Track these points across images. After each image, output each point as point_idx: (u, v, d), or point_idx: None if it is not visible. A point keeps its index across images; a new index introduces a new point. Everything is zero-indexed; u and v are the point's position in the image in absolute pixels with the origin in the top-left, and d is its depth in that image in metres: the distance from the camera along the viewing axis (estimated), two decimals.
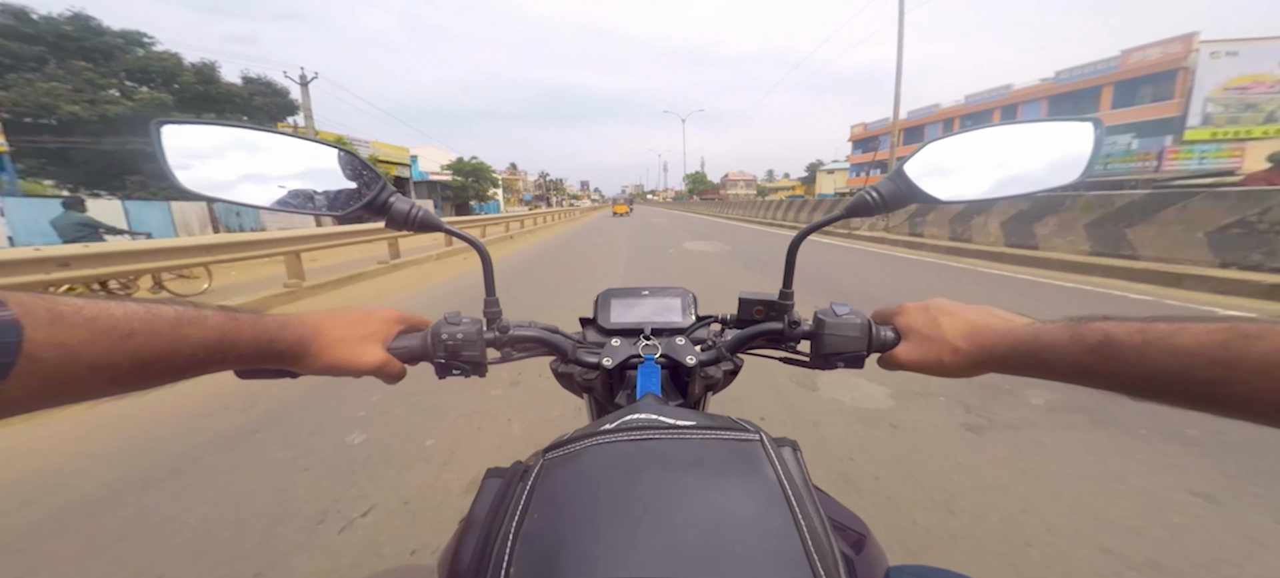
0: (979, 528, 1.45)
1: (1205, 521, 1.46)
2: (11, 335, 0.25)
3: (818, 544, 0.28)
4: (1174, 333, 0.31)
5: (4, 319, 0.25)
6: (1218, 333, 0.29)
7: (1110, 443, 1.89)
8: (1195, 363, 0.29)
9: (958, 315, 0.47)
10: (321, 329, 0.46)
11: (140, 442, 2.08)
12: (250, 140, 0.47)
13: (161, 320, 0.33)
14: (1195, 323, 0.31)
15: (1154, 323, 0.33)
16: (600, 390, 0.59)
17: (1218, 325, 0.29)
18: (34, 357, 0.26)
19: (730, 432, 0.37)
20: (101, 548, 1.42)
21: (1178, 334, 0.31)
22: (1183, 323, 0.31)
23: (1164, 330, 0.32)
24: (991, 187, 0.50)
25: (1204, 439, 1.86)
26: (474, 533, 0.36)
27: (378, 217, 0.50)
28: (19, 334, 0.25)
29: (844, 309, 0.54)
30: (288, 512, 1.56)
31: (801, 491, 0.32)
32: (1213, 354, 0.29)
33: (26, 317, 0.26)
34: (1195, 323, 0.31)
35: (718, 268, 7.21)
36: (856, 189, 0.46)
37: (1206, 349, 0.29)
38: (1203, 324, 0.30)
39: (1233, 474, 1.66)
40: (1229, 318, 0.30)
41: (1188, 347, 0.30)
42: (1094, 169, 0.48)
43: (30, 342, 0.25)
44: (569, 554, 0.28)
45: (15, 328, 0.25)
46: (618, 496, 0.31)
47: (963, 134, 0.50)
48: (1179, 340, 0.31)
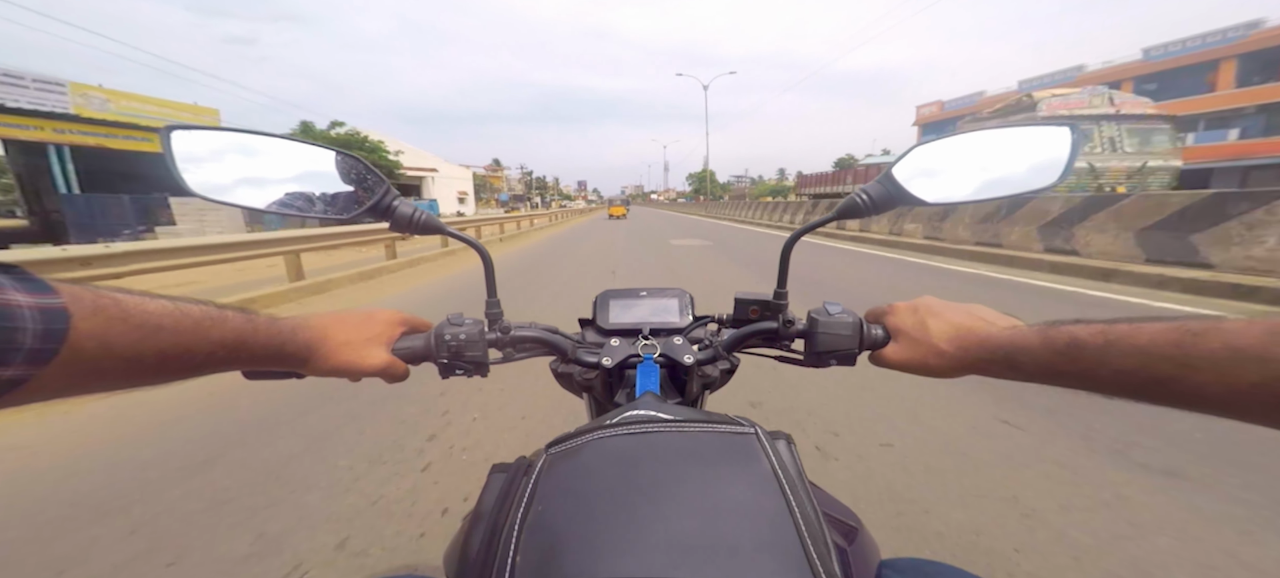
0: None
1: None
2: (59, 323, 0.25)
3: (812, 533, 0.29)
4: (1132, 333, 0.32)
5: (55, 307, 0.25)
6: (1170, 332, 0.30)
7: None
8: (1152, 361, 0.31)
9: (944, 317, 0.48)
10: (328, 332, 0.47)
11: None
12: (256, 145, 0.48)
13: (188, 318, 0.33)
14: (1151, 323, 0.32)
15: (1115, 324, 0.34)
16: (599, 390, 0.60)
17: (1171, 324, 0.31)
18: (76, 346, 0.26)
19: (727, 426, 0.38)
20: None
21: (1135, 334, 0.32)
22: (1140, 323, 0.32)
23: (1123, 331, 0.33)
24: (975, 189, 0.52)
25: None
26: (480, 526, 0.37)
27: (381, 220, 0.51)
28: (66, 323, 0.26)
29: (836, 308, 0.55)
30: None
31: (796, 482, 0.33)
32: (1166, 352, 0.30)
33: (74, 306, 0.26)
34: (1151, 323, 0.32)
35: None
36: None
37: (1160, 347, 0.30)
38: (1158, 323, 0.31)
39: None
40: (1183, 316, 0.31)
41: (1144, 346, 0.31)
42: (1071, 172, 0.49)
43: (75, 331, 0.26)
44: (573, 544, 0.29)
45: (64, 316, 0.25)
46: (619, 487, 0.32)
47: (948, 138, 0.52)
48: (1136, 340, 0.32)
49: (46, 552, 1.40)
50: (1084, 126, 9.26)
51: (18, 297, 0.24)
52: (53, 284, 0.26)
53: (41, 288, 0.25)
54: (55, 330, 0.25)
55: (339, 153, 0.50)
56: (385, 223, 0.51)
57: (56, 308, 0.25)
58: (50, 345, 0.25)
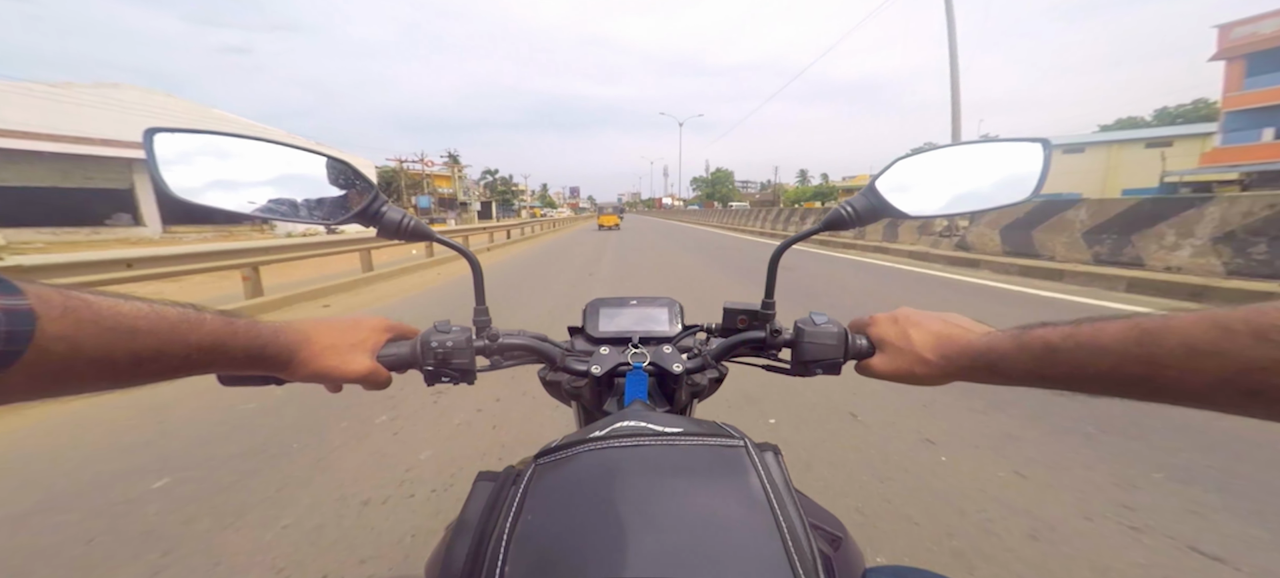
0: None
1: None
2: (25, 325, 0.24)
3: (798, 546, 0.30)
4: (1095, 333, 0.33)
5: (20, 309, 0.24)
6: (1129, 330, 0.31)
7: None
8: (1121, 360, 0.31)
9: (924, 327, 0.49)
10: (311, 337, 0.46)
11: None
12: (240, 148, 0.47)
13: (163, 320, 0.33)
14: (1110, 322, 0.33)
15: (1080, 326, 0.35)
16: (588, 398, 0.60)
17: (1127, 323, 0.32)
18: (43, 348, 0.25)
19: (716, 438, 0.38)
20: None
21: (1099, 334, 0.33)
22: (1101, 323, 0.33)
23: (1088, 332, 0.34)
24: (949, 203, 0.53)
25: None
26: (466, 535, 0.36)
27: (369, 225, 0.50)
28: (32, 324, 0.25)
29: (822, 318, 0.56)
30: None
31: (783, 494, 0.34)
32: (1131, 351, 0.31)
33: (41, 307, 0.26)
34: (1110, 322, 0.33)
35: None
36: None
37: (1124, 346, 0.31)
38: (1115, 323, 0.32)
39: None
40: (1135, 315, 0.32)
41: (1108, 345, 0.32)
42: (1042, 186, 0.52)
43: (42, 333, 0.25)
44: (563, 556, 0.29)
45: (30, 317, 0.25)
46: (610, 500, 0.32)
47: (927, 152, 0.54)
48: (1100, 340, 0.33)
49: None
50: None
51: None
52: (18, 285, 0.25)
53: (7, 289, 0.25)
54: (19, 332, 0.24)
55: (327, 157, 0.49)
56: (372, 229, 0.51)
57: (21, 309, 0.24)
58: (14, 348, 0.24)
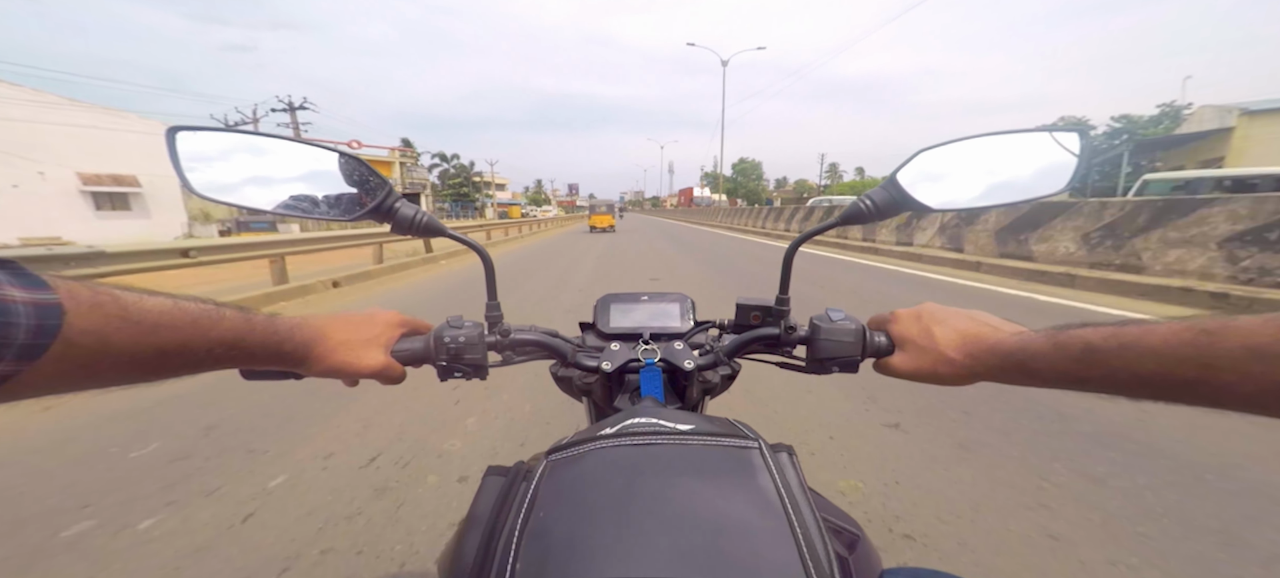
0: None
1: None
2: (53, 319, 0.25)
3: (812, 549, 0.29)
4: (1144, 335, 0.32)
5: (49, 302, 0.25)
6: (1185, 332, 0.30)
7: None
8: (1170, 363, 0.30)
9: (949, 324, 0.47)
10: (326, 332, 0.47)
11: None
12: (259, 146, 0.48)
13: (185, 315, 0.33)
14: (1163, 324, 0.31)
15: (1125, 327, 0.33)
16: (599, 394, 0.60)
17: (1185, 324, 0.30)
18: (70, 341, 0.26)
19: (729, 438, 0.38)
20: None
21: (1148, 336, 0.32)
22: (1151, 325, 0.32)
23: (1135, 333, 0.32)
24: (980, 194, 0.51)
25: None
26: (477, 530, 0.36)
27: (383, 221, 0.51)
28: (60, 318, 0.25)
29: (839, 315, 0.54)
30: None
31: (797, 495, 0.33)
32: (1185, 353, 0.29)
33: (70, 301, 0.26)
34: (1163, 324, 0.31)
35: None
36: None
37: (1177, 349, 0.30)
38: (1171, 325, 0.31)
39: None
40: (1195, 317, 0.31)
41: (1158, 348, 0.31)
42: (1081, 177, 0.48)
43: (69, 327, 0.26)
44: (575, 552, 0.29)
45: (58, 311, 0.25)
46: (622, 498, 0.32)
47: (954, 142, 0.51)
48: (1150, 342, 0.31)
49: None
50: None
51: (13, 292, 0.24)
52: (49, 280, 0.26)
53: (36, 283, 0.25)
54: (48, 326, 0.25)
55: (342, 155, 0.50)
56: (386, 225, 0.51)
57: (51, 304, 0.25)
58: (42, 341, 0.25)
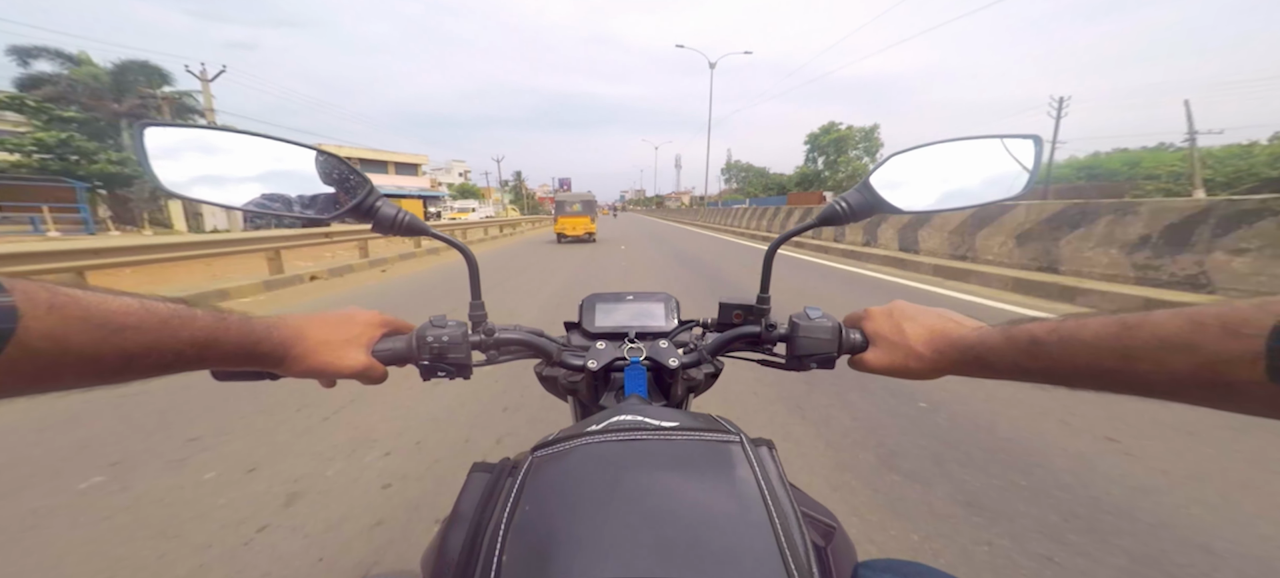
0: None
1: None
2: (7, 322, 0.24)
3: (790, 539, 0.30)
4: (1078, 328, 0.34)
5: (2, 306, 0.24)
6: (1110, 325, 0.32)
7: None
8: (1099, 354, 0.32)
9: (918, 321, 0.49)
10: (305, 332, 0.46)
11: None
12: (233, 143, 0.47)
13: (153, 316, 0.32)
14: (1094, 318, 0.34)
15: (1065, 321, 0.36)
16: (585, 393, 0.60)
17: (1110, 318, 0.32)
18: (26, 345, 0.25)
19: (712, 433, 0.39)
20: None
21: (1081, 329, 0.34)
22: (1085, 319, 0.34)
23: (1072, 327, 0.35)
24: (940, 198, 0.54)
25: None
26: (461, 527, 0.36)
27: (364, 221, 0.50)
28: (14, 322, 0.25)
29: (816, 313, 0.56)
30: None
31: (777, 488, 0.34)
32: (1109, 345, 0.32)
33: (26, 304, 0.25)
34: (1094, 318, 0.34)
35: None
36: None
37: (1103, 340, 0.32)
38: (1100, 318, 0.33)
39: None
40: (1122, 311, 0.33)
41: (1090, 340, 0.33)
42: (1036, 182, 0.52)
43: (25, 330, 0.25)
44: (560, 548, 0.30)
45: (12, 315, 0.25)
46: (606, 493, 0.33)
47: (920, 147, 0.53)
48: (1082, 335, 0.34)
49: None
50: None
51: None
52: (4, 283, 0.25)
53: None
54: (1, 330, 0.24)
55: (320, 152, 0.49)
56: (367, 224, 0.51)
57: (4, 306, 0.24)
58: None
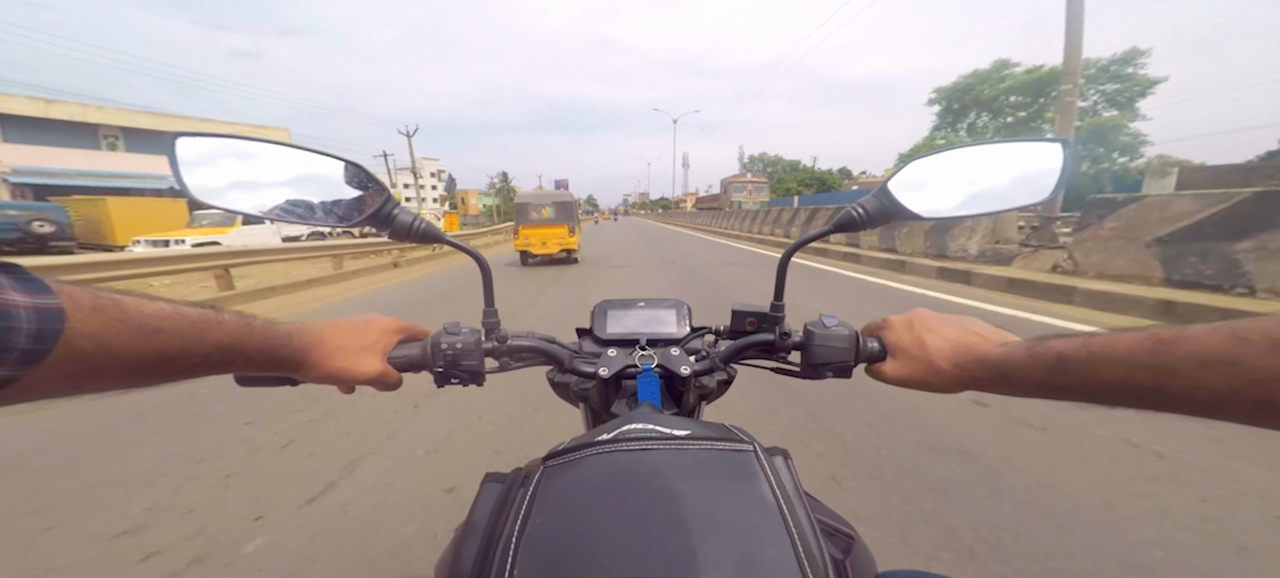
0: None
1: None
2: (54, 323, 0.25)
3: (808, 550, 0.30)
4: (1110, 344, 0.33)
5: (50, 307, 0.25)
6: (1144, 340, 0.31)
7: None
8: (1133, 371, 0.31)
9: (940, 333, 0.47)
10: (323, 338, 0.47)
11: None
12: (259, 152, 0.48)
13: (185, 320, 0.33)
14: (1126, 333, 0.32)
15: (1094, 337, 0.34)
16: (596, 400, 0.60)
17: (1143, 333, 0.31)
18: (71, 346, 0.26)
19: (725, 442, 0.38)
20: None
21: (1113, 345, 0.32)
22: (1116, 335, 0.33)
23: (1102, 343, 0.33)
24: (964, 203, 0.52)
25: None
26: (475, 536, 0.36)
27: (382, 228, 0.51)
28: (61, 323, 0.25)
29: (832, 321, 0.55)
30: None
31: (793, 499, 0.33)
32: (1144, 361, 0.30)
33: (72, 306, 0.26)
34: (1126, 333, 0.32)
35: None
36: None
37: (1138, 356, 0.31)
38: (1132, 334, 0.32)
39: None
40: (1152, 326, 0.31)
41: (1123, 357, 0.32)
42: (1063, 188, 0.50)
43: (70, 332, 0.26)
44: (572, 559, 0.29)
45: (59, 316, 0.25)
46: (619, 504, 0.32)
47: (942, 152, 0.52)
48: (1115, 352, 0.32)
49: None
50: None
51: (15, 296, 0.24)
52: (51, 285, 0.26)
53: (39, 288, 0.25)
54: (49, 331, 0.25)
55: (342, 161, 0.50)
56: (385, 231, 0.52)
57: (52, 308, 0.25)
58: (43, 346, 0.25)
